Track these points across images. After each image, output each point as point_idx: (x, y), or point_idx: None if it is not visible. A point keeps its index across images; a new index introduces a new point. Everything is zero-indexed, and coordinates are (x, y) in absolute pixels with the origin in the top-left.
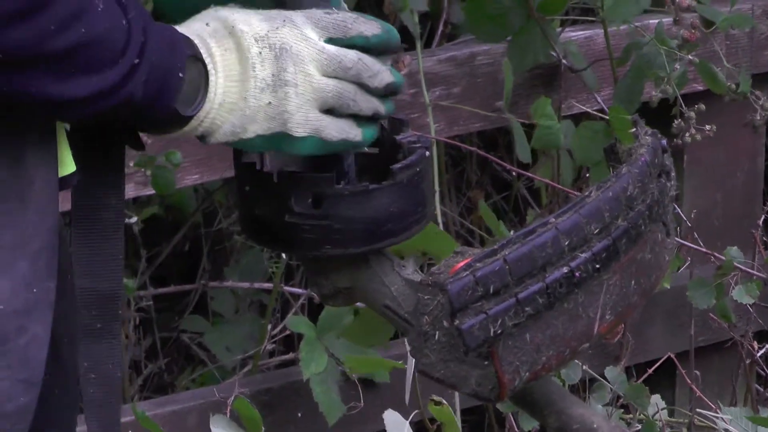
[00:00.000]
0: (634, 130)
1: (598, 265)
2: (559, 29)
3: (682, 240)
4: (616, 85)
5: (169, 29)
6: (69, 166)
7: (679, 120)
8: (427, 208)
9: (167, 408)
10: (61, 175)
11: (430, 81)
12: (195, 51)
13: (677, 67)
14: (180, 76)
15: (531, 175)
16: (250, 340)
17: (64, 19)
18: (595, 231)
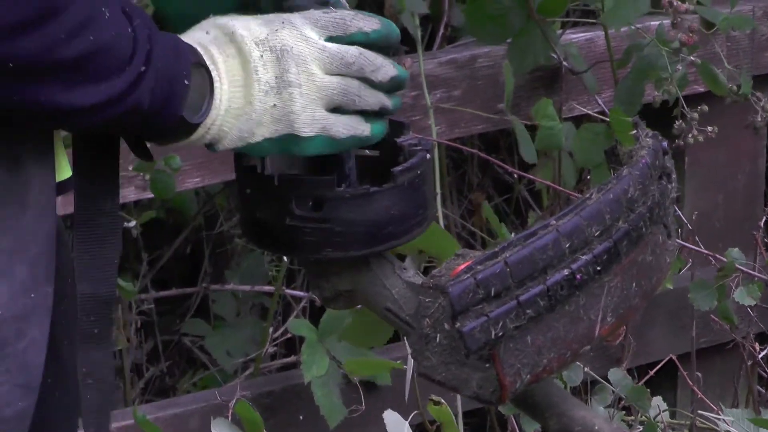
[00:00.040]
0: (635, 132)
1: (599, 268)
2: (560, 31)
3: (683, 242)
4: (616, 87)
5: (173, 37)
6: (65, 171)
7: (680, 121)
8: (428, 211)
9: (169, 411)
10: (57, 180)
11: (431, 83)
12: (199, 58)
13: (679, 68)
14: (186, 83)
15: (532, 177)
16: (252, 343)
17: (74, 27)
18: (596, 233)
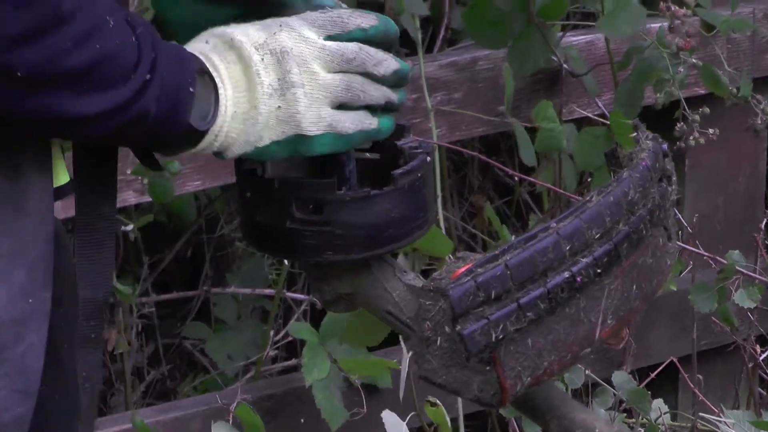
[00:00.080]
0: (635, 134)
1: (599, 270)
2: (560, 34)
3: (683, 244)
4: (617, 90)
5: (175, 46)
6: (62, 177)
7: (681, 123)
8: (428, 214)
9: (170, 414)
10: (55, 186)
11: (432, 86)
12: (202, 66)
13: (681, 70)
14: (191, 90)
15: (533, 180)
16: (253, 346)
17: (80, 35)
18: (597, 236)
